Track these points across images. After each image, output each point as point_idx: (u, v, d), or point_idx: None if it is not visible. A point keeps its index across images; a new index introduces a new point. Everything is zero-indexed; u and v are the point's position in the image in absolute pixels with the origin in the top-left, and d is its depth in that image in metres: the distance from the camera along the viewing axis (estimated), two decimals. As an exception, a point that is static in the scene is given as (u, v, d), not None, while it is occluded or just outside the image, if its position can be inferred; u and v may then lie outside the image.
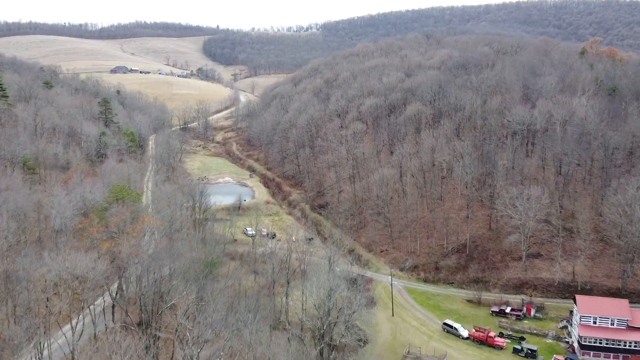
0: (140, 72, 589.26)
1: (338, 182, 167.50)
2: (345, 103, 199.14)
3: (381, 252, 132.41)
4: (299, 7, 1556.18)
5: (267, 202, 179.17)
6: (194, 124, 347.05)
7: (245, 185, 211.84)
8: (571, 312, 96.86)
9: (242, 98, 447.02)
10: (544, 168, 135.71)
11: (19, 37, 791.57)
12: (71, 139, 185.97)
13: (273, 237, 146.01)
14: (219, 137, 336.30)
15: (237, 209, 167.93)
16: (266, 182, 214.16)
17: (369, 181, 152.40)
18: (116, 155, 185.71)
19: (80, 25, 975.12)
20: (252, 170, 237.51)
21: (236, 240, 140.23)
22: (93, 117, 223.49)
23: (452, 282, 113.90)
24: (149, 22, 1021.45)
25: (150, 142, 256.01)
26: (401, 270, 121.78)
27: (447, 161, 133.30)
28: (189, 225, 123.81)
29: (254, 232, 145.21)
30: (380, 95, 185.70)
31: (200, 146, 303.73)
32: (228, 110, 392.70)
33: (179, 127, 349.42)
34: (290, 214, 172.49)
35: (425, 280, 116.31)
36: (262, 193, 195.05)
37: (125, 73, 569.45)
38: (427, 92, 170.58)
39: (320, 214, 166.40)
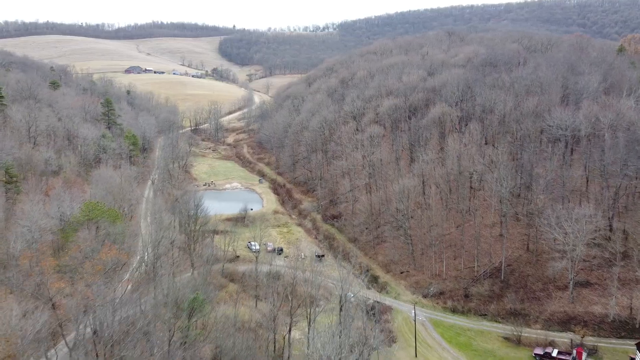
0: (155, 72, 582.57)
1: (353, 191, 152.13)
2: (361, 104, 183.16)
3: (401, 273, 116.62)
4: (315, 7, 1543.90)
5: (276, 212, 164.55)
6: (206, 126, 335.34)
7: (254, 192, 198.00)
8: (632, 359, 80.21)
9: (256, 99, 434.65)
10: (587, 180, 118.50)
11: (35, 37, 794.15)
12: (68, 143, 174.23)
13: (280, 253, 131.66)
14: (230, 139, 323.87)
15: (243, 220, 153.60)
16: (276, 188, 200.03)
17: (387, 191, 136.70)
18: (114, 161, 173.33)
19: (97, 25, 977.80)
20: (262, 175, 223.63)
21: (238, 257, 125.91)
22: (95, 118, 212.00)
23: (485, 314, 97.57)
24: (165, 23, 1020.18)
25: (157, 146, 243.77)
26: (425, 296, 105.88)
27: (479, 171, 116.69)
28: (182, 243, 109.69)
29: (258, 248, 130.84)
30: (400, 95, 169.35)
31: (210, 149, 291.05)
32: (241, 112, 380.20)
33: (190, 128, 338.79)
34: (300, 225, 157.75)
35: (454, 311, 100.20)
36: (270, 201, 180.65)
37: (139, 73, 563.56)
38: (453, 92, 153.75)
39: (333, 225, 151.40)
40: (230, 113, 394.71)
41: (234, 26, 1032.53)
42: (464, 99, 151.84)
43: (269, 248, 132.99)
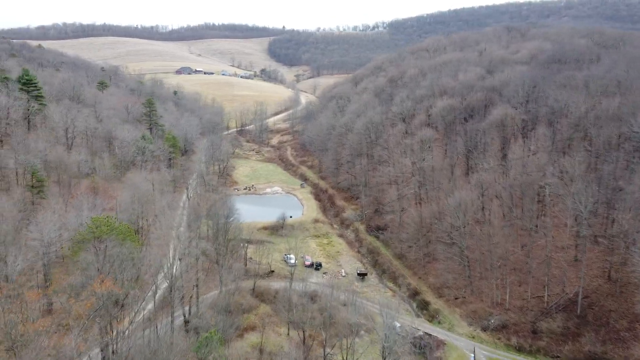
0: (204, 73, 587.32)
1: (400, 201, 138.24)
2: (411, 105, 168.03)
3: (456, 299, 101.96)
4: (366, 6, 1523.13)
5: (316, 221, 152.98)
6: (251, 127, 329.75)
7: (295, 197, 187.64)
8: None
9: (303, 99, 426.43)
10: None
11: (92, 38, 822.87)
12: (108, 144, 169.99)
13: (318, 269, 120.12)
14: (275, 140, 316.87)
15: (280, 229, 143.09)
16: (318, 193, 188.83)
17: (440, 203, 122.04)
18: (153, 163, 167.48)
19: (152, 27, 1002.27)
20: (304, 179, 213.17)
21: (273, 272, 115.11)
22: (137, 119, 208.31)
23: (558, 356, 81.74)
24: (217, 24, 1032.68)
25: (200, 148, 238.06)
26: (484, 330, 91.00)
27: (552, 184, 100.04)
28: (211, 256, 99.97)
29: (295, 262, 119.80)
30: (456, 95, 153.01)
31: (253, 150, 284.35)
32: (287, 112, 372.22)
33: (235, 129, 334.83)
34: (341, 235, 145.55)
35: (519, 349, 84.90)
36: (311, 208, 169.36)
37: (189, 74, 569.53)
38: (517, 91, 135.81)
39: (377, 237, 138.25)
40: (276, 114, 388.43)
41: (284, 27, 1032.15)
42: (529, 100, 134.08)
43: (306, 262, 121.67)
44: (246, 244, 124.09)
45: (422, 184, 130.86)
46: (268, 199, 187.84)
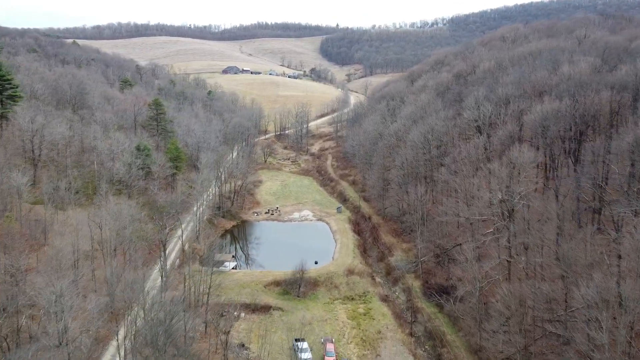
0: (251, 73, 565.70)
1: (479, 256, 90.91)
2: (492, 109, 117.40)
3: None
4: (425, 2, 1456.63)
5: (351, 272, 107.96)
6: (291, 131, 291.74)
7: (328, 226, 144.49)
8: None
9: (352, 100, 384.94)
10: None
11: (145, 38, 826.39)
12: (85, 158, 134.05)
13: (345, 371, 75.56)
14: (316, 147, 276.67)
15: (297, 287, 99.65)
16: (358, 222, 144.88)
17: (547, 272, 74.57)
18: (146, 182, 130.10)
19: (204, 27, 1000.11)
20: (343, 199, 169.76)
21: (270, 378, 72.02)
22: (142, 125, 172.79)
23: None
24: (269, 23, 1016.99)
25: (205, 163, 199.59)
26: None
27: None
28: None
29: (310, 356, 76.36)
30: (563, 96, 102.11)
31: (289, 159, 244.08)
32: (334, 115, 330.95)
33: (273, 134, 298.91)
34: (386, 298, 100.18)
35: None
36: (346, 247, 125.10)
37: (235, 73, 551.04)
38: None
39: (440, 308, 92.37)
40: (321, 116, 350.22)
41: (337, 25, 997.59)
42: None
43: (328, 356, 77.47)
44: (237, 317, 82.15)
45: (513, 234, 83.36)
46: (293, 229, 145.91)
